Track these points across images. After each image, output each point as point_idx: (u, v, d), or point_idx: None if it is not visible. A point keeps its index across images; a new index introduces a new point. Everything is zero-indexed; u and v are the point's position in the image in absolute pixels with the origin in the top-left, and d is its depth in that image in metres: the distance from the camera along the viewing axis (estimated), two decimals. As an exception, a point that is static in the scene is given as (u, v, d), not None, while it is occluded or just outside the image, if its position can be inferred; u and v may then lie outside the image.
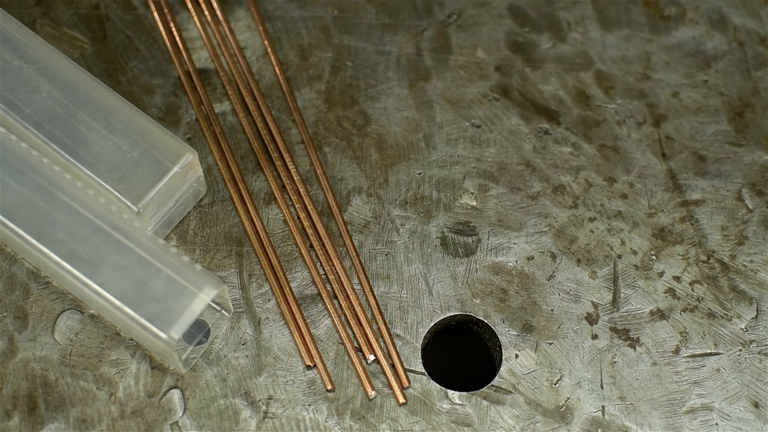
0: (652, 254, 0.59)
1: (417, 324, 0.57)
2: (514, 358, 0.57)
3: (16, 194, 0.55)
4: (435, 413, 0.56)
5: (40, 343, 0.56)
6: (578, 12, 0.65)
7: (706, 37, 0.64)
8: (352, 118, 0.62)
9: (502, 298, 0.58)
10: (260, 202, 0.60)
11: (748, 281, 0.59)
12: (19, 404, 0.55)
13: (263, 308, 0.57)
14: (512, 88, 0.63)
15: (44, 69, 0.57)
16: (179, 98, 0.62)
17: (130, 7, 0.64)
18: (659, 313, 0.58)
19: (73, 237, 0.54)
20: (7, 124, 0.56)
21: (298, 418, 0.55)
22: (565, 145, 0.61)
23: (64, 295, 0.57)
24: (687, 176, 0.61)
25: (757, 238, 0.59)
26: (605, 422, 0.56)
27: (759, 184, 0.61)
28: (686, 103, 0.63)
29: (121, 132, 0.56)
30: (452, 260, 0.59)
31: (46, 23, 0.63)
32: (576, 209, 0.60)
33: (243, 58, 0.63)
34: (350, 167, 0.61)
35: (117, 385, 0.55)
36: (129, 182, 0.55)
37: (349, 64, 0.63)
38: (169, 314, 0.53)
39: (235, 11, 0.64)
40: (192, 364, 0.56)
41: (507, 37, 0.64)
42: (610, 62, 0.63)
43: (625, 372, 0.57)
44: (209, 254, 0.58)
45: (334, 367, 0.56)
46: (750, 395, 0.56)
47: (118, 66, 0.62)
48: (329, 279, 0.58)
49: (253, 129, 0.61)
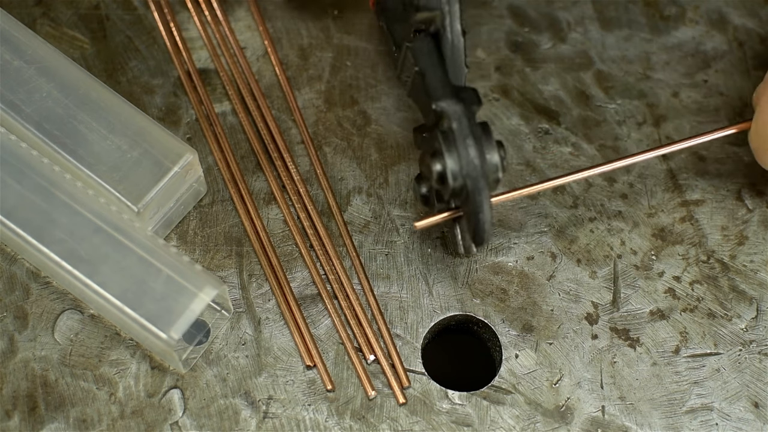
0: (652, 254, 0.59)
1: (417, 324, 0.57)
2: (514, 358, 0.57)
3: (16, 194, 0.55)
4: (435, 413, 0.56)
5: (40, 343, 0.56)
6: (578, 12, 0.65)
7: (706, 37, 0.64)
8: (352, 118, 0.62)
9: (502, 298, 0.58)
10: (260, 202, 0.60)
11: (748, 281, 0.59)
12: (19, 404, 0.55)
13: (263, 308, 0.57)
14: (512, 88, 0.63)
15: (44, 69, 0.57)
16: (179, 98, 0.62)
17: (130, 7, 0.64)
18: (659, 313, 0.58)
19: (73, 237, 0.54)
20: (7, 124, 0.56)
21: (298, 418, 0.55)
22: (565, 145, 0.61)
23: (64, 295, 0.57)
24: (687, 176, 0.61)
25: (757, 238, 0.59)
26: (605, 422, 0.56)
27: (759, 184, 0.61)
28: (686, 103, 0.63)
29: (121, 132, 0.56)
30: (452, 260, 0.59)
31: (46, 23, 0.63)
32: (576, 209, 0.60)
33: (243, 58, 0.63)
34: (350, 167, 0.61)
35: (117, 385, 0.55)
36: (129, 182, 0.55)
37: (349, 64, 0.63)
38: (169, 314, 0.53)
39: (235, 11, 0.64)
40: (192, 364, 0.56)
41: (507, 37, 0.64)
42: (610, 62, 0.63)
43: (625, 372, 0.57)
44: (209, 254, 0.58)
45: (334, 367, 0.56)
46: (750, 395, 0.56)
47: (118, 66, 0.62)
48: (329, 279, 0.58)
49: (253, 129, 0.61)
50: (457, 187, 0.52)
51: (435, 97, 0.52)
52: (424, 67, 0.54)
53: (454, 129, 0.52)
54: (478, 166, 0.51)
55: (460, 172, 0.51)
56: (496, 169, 0.52)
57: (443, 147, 0.51)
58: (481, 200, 0.51)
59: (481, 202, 0.51)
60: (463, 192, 0.52)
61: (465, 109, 0.52)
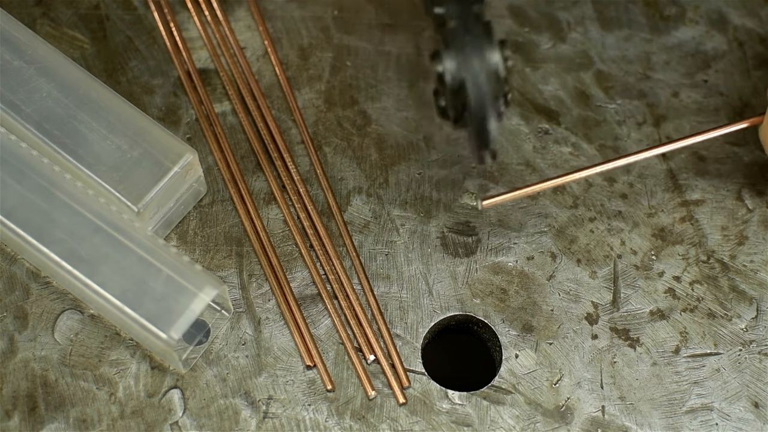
0: (652, 254, 0.59)
1: (417, 324, 0.57)
2: (514, 358, 0.57)
3: (16, 194, 0.55)
4: (435, 413, 0.56)
5: (40, 343, 0.56)
6: (578, 12, 0.65)
7: (706, 37, 0.64)
8: (352, 118, 0.62)
9: (502, 298, 0.58)
10: (260, 202, 0.60)
11: (748, 281, 0.59)
12: (19, 404, 0.55)
13: (263, 308, 0.57)
14: (512, 88, 0.63)
15: (44, 69, 0.57)
16: (179, 98, 0.62)
17: (130, 7, 0.64)
18: (659, 313, 0.58)
19: (73, 237, 0.54)
20: (7, 124, 0.56)
21: (298, 418, 0.55)
22: (565, 145, 0.61)
23: (64, 295, 0.57)
24: (687, 176, 0.61)
25: (757, 238, 0.59)
26: (605, 422, 0.56)
27: (759, 184, 0.61)
28: (686, 103, 0.63)
29: (121, 132, 0.56)
30: (452, 260, 0.59)
31: (46, 23, 0.63)
32: (576, 209, 0.60)
33: (243, 58, 0.63)
34: (350, 167, 0.61)
35: (117, 385, 0.55)
36: (129, 182, 0.55)
37: (349, 64, 0.63)
38: (169, 314, 0.53)
39: (235, 11, 0.64)
40: (192, 364, 0.56)
41: (507, 37, 0.64)
42: (610, 62, 0.63)
43: (625, 372, 0.57)
44: (209, 254, 0.58)
45: (334, 367, 0.56)
46: (750, 395, 0.56)
47: (118, 66, 0.62)
48: (329, 279, 0.58)
49: (253, 129, 0.61)
50: (456, 86, 0.49)
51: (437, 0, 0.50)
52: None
53: (452, 27, 0.50)
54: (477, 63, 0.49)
55: (457, 70, 0.49)
56: (497, 68, 0.49)
57: (442, 47, 0.50)
58: (481, 97, 0.49)
59: (481, 99, 0.49)
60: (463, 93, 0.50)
61: (464, 7, 0.50)
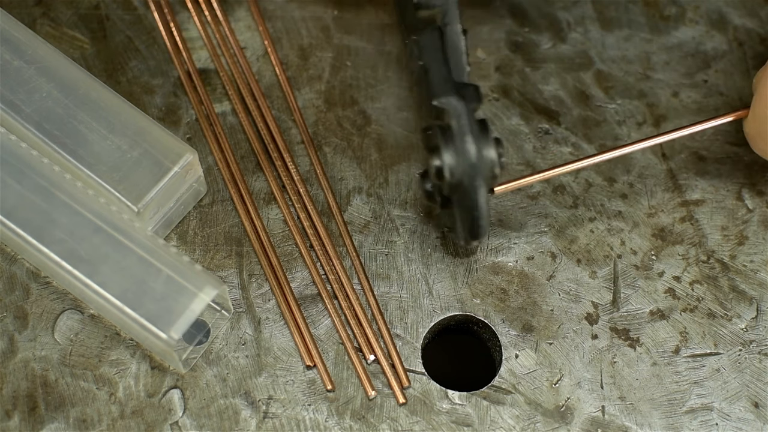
0: (652, 254, 0.59)
1: (417, 324, 0.57)
2: (514, 358, 0.57)
3: (16, 194, 0.55)
4: (435, 413, 0.56)
5: (40, 343, 0.56)
6: (578, 12, 0.65)
7: (706, 37, 0.64)
8: (352, 118, 0.62)
9: (502, 298, 0.58)
10: (260, 202, 0.60)
11: (748, 281, 0.59)
12: (19, 404, 0.55)
13: (263, 308, 0.57)
14: (512, 88, 0.63)
15: (44, 69, 0.57)
16: (179, 98, 0.62)
17: (130, 7, 0.64)
18: (659, 313, 0.58)
19: (73, 237, 0.54)
20: (7, 124, 0.56)
21: (298, 418, 0.55)
22: (565, 145, 0.61)
23: (64, 295, 0.57)
24: (687, 176, 0.61)
25: (757, 238, 0.59)
26: (605, 422, 0.56)
27: (759, 184, 0.61)
28: (686, 103, 0.63)
29: (121, 132, 0.56)
30: (452, 260, 0.59)
31: (46, 23, 0.63)
32: (576, 209, 0.60)
33: (243, 58, 0.63)
34: (350, 167, 0.61)
35: (117, 385, 0.55)
36: (129, 182, 0.55)
37: (349, 64, 0.63)
38: (169, 314, 0.53)
39: (235, 11, 0.64)
40: (192, 364, 0.56)
41: (507, 37, 0.64)
42: (610, 62, 0.63)
43: (625, 372, 0.57)
44: (209, 254, 0.58)
45: (334, 367, 0.56)
46: (750, 395, 0.56)
47: (118, 66, 0.62)
48: (329, 279, 0.58)
49: (253, 129, 0.61)
50: (454, 182, 0.52)
51: (436, 93, 0.53)
52: (428, 62, 0.54)
53: (453, 126, 0.52)
54: (475, 163, 0.52)
55: (457, 167, 0.52)
56: (493, 166, 0.53)
57: (441, 143, 0.52)
58: (476, 196, 0.52)
59: (476, 198, 0.52)
60: (460, 188, 0.52)
61: (465, 106, 0.52)
